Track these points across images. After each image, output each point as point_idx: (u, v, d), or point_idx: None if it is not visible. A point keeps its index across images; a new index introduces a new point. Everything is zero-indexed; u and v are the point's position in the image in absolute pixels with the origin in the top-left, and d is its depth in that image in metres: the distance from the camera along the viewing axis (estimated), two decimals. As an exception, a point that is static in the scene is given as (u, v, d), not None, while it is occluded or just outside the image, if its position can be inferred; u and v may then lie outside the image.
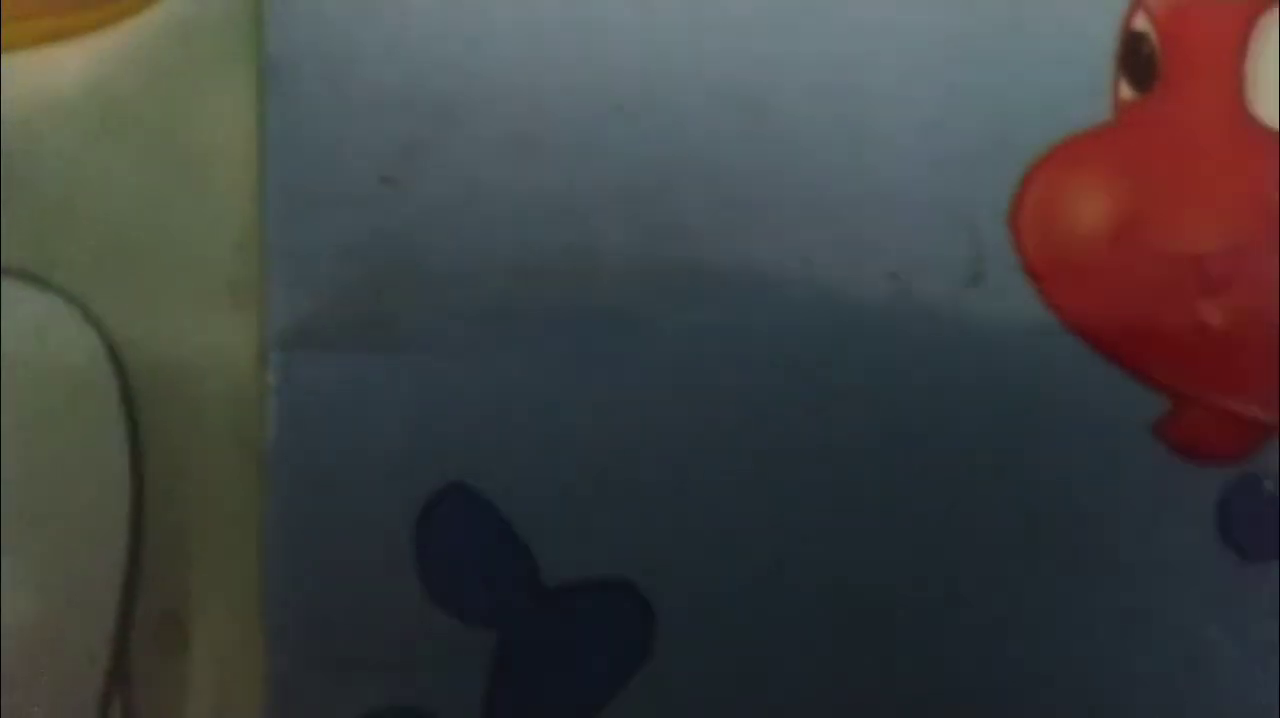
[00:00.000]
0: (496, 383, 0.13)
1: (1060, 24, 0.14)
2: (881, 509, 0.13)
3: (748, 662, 0.13)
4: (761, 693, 0.13)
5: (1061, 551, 0.13)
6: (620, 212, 0.13)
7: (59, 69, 0.14)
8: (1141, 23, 0.14)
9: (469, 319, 0.13)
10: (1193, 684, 0.14)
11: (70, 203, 0.14)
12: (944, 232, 0.13)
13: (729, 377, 0.13)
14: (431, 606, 0.13)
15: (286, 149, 0.13)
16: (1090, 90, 0.13)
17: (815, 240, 0.13)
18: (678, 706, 0.13)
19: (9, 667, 0.13)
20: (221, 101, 0.14)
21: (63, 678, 0.14)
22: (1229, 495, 0.13)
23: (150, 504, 0.14)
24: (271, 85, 0.13)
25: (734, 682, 0.13)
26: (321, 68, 0.13)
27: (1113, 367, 0.13)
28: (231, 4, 0.14)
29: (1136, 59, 0.14)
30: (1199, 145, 0.14)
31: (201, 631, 0.14)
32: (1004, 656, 0.13)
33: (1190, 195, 0.14)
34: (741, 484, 0.13)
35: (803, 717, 0.13)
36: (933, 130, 0.13)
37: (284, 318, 0.13)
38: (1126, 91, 0.14)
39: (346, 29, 0.13)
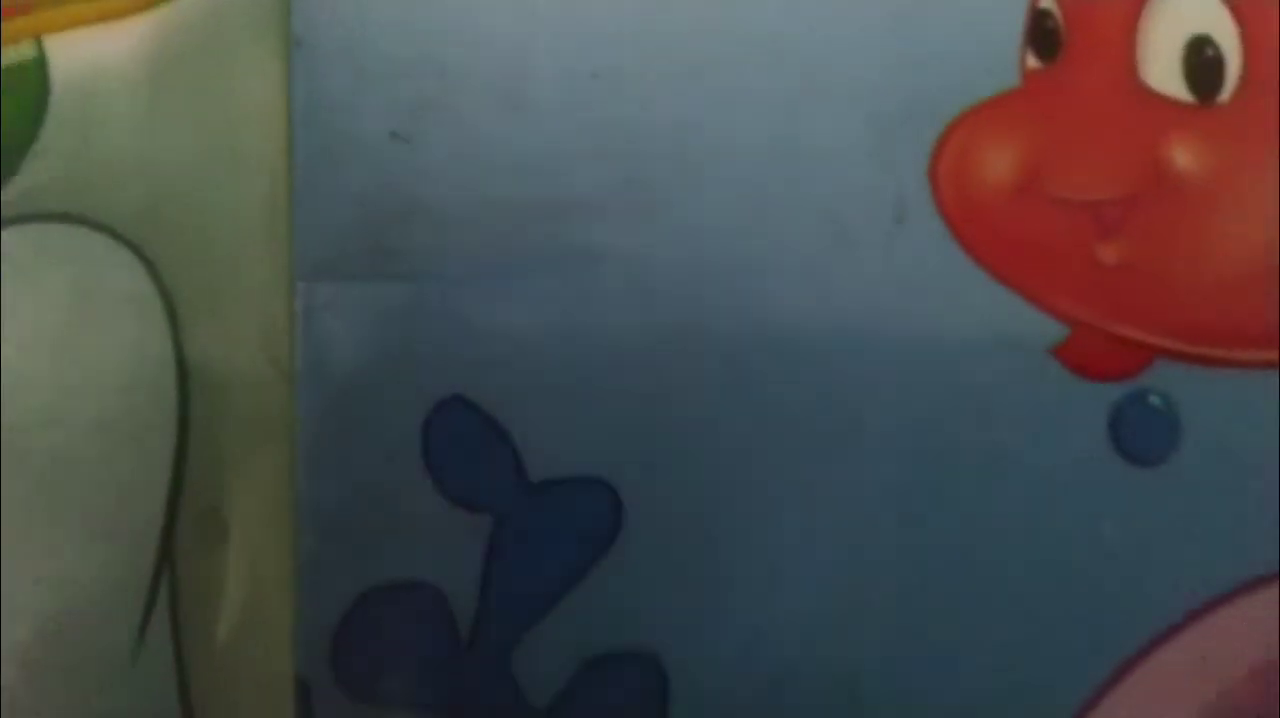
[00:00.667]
0: (489, 308, 0.15)
1: (976, 3, 0.16)
2: (822, 406, 0.15)
3: (704, 541, 0.15)
4: (715, 568, 0.15)
5: (971, 457, 0.15)
6: (594, 163, 0.15)
7: (116, 43, 0.17)
8: (1047, 2, 0.16)
9: (466, 253, 0.15)
10: (1089, 575, 0.16)
11: (124, 158, 0.17)
12: (873, 180, 0.15)
13: (684, 303, 0.15)
14: (436, 495, 0.15)
15: (309, 110, 0.16)
16: (1001, 61, 0.16)
17: (763, 184, 0.15)
18: (643, 579, 0.15)
19: (75, 555, 0.16)
20: (253, 71, 0.17)
21: (119, 563, 0.16)
22: (1120, 409, 0.16)
23: (194, 414, 0.16)
24: (296, 57, 0.16)
25: (692, 559, 0.15)
26: (338, 41, 0.16)
27: (1017, 298, 0.16)
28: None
29: (1042, 34, 0.16)
30: (1095, 108, 0.16)
31: (238, 523, 0.16)
32: (927, 544, 0.16)
33: (1087, 152, 0.16)
34: (696, 392, 0.15)
35: (744, 582, 0.15)
36: (864, 93, 0.15)
37: (308, 253, 0.15)
38: (1033, 62, 0.16)
39: (360, 7, 0.15)
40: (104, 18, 0.17)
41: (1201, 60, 0.16)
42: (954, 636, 0.16)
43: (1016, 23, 0.16)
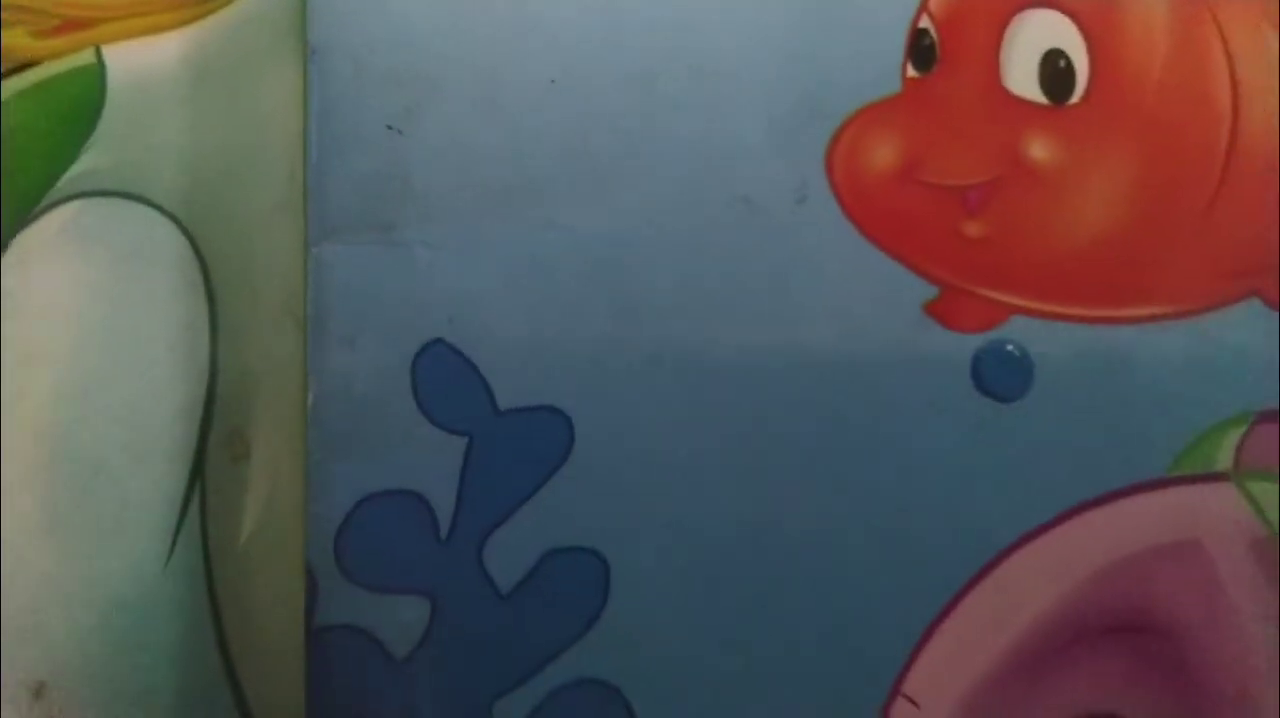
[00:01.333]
0: (466, 269, 0.19)
1: (866, 21, 0.19)
2: (736, 349, 0.19)
3: (641, 458, 0.19)
4: (649, 480, 0.18)
5: (857, 394, 0.19)
6: (552, 154, 0.19)
7: (162, 52, 0.20)
8: (925, 21, 0.19)
9: (446, 224, 0.19)
10: (954, 493, 0.19)
11: (167, 147, 0.20)
12: (779, 168, 0.19)
13: (623, 267, 0.19)
14: (422, 420, 0.19)
15: (322, 108, 0.19)
16: (886, 71, 0.19)
17: (688, 173, 0.19)
18: (590, 489, 0.19)
19: (121, 465, 0.19)
20: (276, 75, 0.20)
21: (159, 476, 0.19)
22: (981, 356, 0.19)
23: (223, 352, 0.20)
24: (311, 63, 0.19)
25: (630, 472, 0.19)
26: (346, 51, 0.19)
27: (897, 264, 0.19)
28: (283, 6, 0.20)
29: (920, 49, 0.19)
30: (964, 110, 0.19)
31: (258, 443, 0.20)
32: (820, 465, 0.19)
33: (957, 145, 0.19)
34: (634, 336, 0.19)
35: (672, 494, 0.18)
36: (772, 98, 0.19)
37: (319, 224, 0.19)
38: (912, 72, 0.19)
39: (365, 23, 0.19)
40: (151, 31, 0.20)
41: (1055, 70, 0.20)
42: (843, 541, 0.19)
43: (899, 39, 0.19)
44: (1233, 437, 0.20)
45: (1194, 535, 0.19)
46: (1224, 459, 0.20)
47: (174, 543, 0.19)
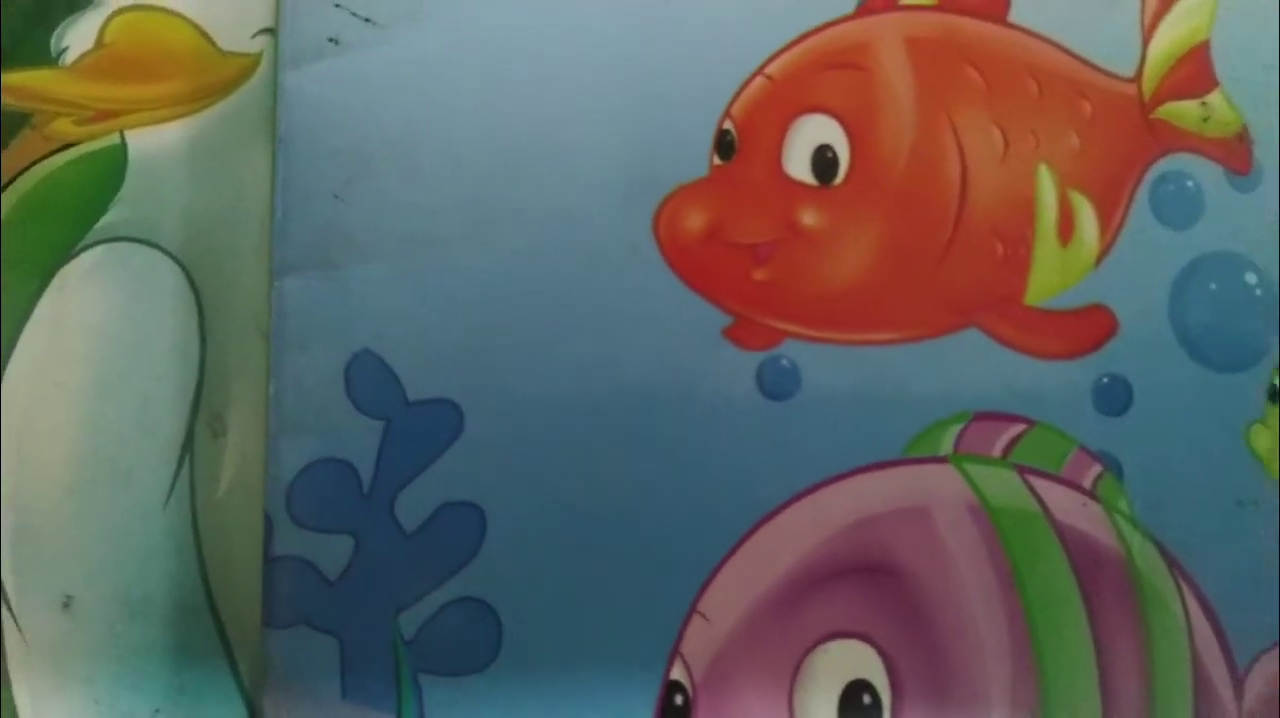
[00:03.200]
0: (388, 298, 0.24)
1: (684, 121, 0.25)
2: (586, 358, 0.24)
3: (517, 435, 0.24)
4: (526, 449, 0.24)
5: (669, 395, 0.24)
6: (453, 213, 0.24)
7: (169, 134, 0.26)
8: (727, 123, 0.26)
9: (375, 265, 0.24)
10: (741, 472, 0.24)
11: (173, 205, 0.26)
12: (618, 227, 0.24)
13: (505, 294, 0.24)
14: (352, 409, 0.24)
15: (285, 181, 0.25)
16: (697, 158, 0.25)
17: (552, 225, 0.24)
18: (476, 457, 0.24)
19: (134, 437, 0.25)
20: (253, 154, 0.26)
21: (158, 449, 0.26)
22: (762, 366, 0.25)
23: (209, 357, 0.26)
24: (279, 148, 0.25)
25: (509, 445, 0.24)
26: (302, 140, 0.25)
27: (703, 299, 0.25)
28: (259, 105, 0.26)
29: (723, 143, 0.25)
30: (755, 188, 0.25)
31: (234, 423, 0.26)
32: (652, 451, 0.25)
33: (749, 215, 0.25)
34: (513, 345, 0.24)
35: (548, 452, 0.24)
36: (613, 174, 0.24)
37: (281, 262, 0.24)
38: (717, 160, 0.25)
39: (314, 122, 0.25)
40: (160, 121, 0.26)
41: (823, 160, 0.25)
42: (660, 500, 0.24)
43: (708, 135, 0.25)
44: (952, 430, 0.25)
45: (922, 502, 0.25)
46: (946, 446, 0.25)
47: (170, 493, 0.25)
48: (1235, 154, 0.27)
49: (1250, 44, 0.27)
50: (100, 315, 0.26)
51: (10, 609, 0.25)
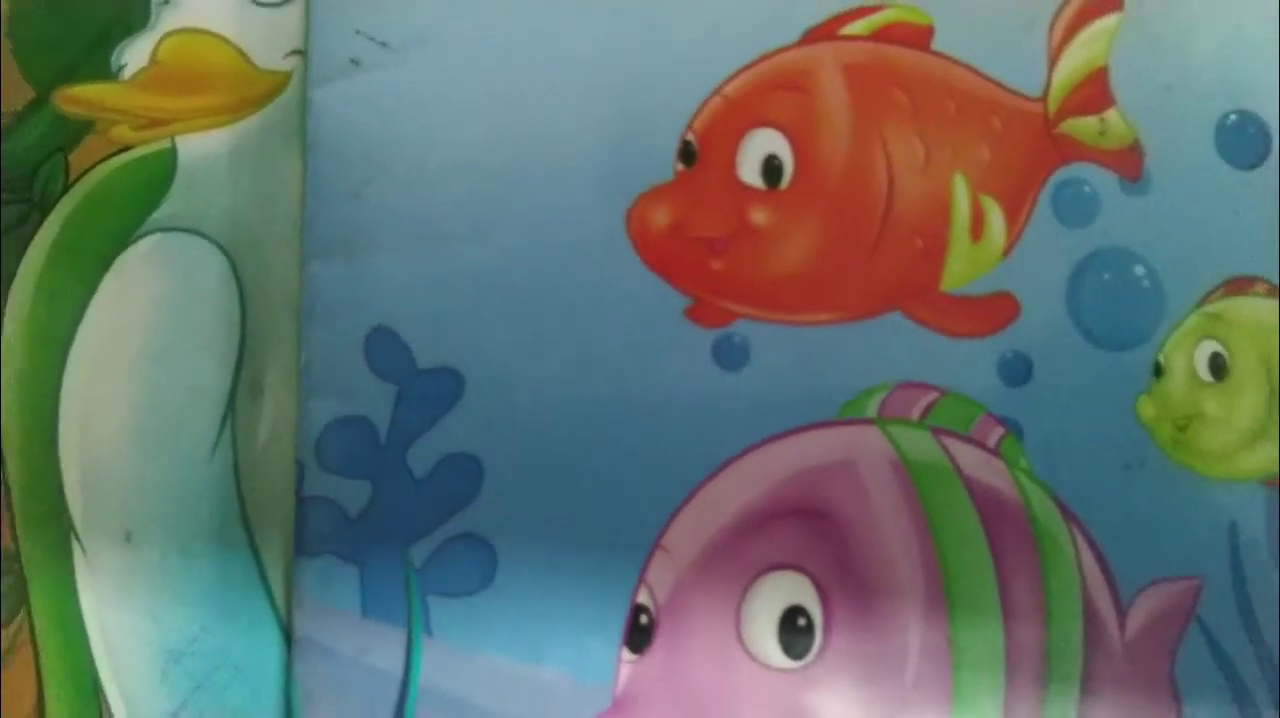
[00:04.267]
0: (401, 281, 0.27)
1: (651, 133, 0.29)
2: (561, 332, 0.27)
3: (509, 399, 0.27)
4: (515, 409, 0.27)
5: (635, 367, 0.27)
6: (453, 211, 0.27)
7: (214, 140, 0.29)
8: (690, 135, 0.28)
9: (389, 254, 0.27)
10: (698, 431, 0.27)
11: (217, 200, 0.28)
12: (595, 224, 0.27)
13: (498, 282, 0.27)
14: (370, 375, 0.27)
15: (314, 180, 0.28)
16: (664, 164, 0.29)
17: (537, 222, 0.27)
18: (474, 419, 0.27)
19: (184, 398, 0.30)
20: (285, 158, 0.28)
21: (205, 408, 0.28)
22: (718, 342, 0.27)
23: (249, 331, 0.28)
24: (308, 153, 0.28)
25: (501, 406, 0.27)
26: (328, 147, 0.27)
27: (668, 285, 0.27)
28: (291, 116, 0.29)
29: (686, 152, 0.28)
30: (713, 191, 0.28)
31: (269, 387, 0.28)
32: (622, 412, 0.28)
33: (707, 214, 0.29)
34: (505, 322, 0.27)
35: (532, 410, 0.27)
36: (591, 177, 0.28)
37: (310, 250, 0.27)
38: (680, 166, 0.29)
39: (338, 132, 0.27)
40: (206, 129, 0.29)
41: (771, 167, 0.28)
42: (631, 452, 0.27)
43: (672, 146, 0.29)
44: (877, 397, 0.28)
45: (851, 457, 0.27)
46: (872, 410, 0.28)
47: (215, 445, 0.28)
48: (1128, 163, 0.29)
49: (1144, 68, 0.30)
50: (154, 295, 0.28)
51: (80, 542, 0.28)
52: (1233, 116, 0.30)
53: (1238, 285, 0.30)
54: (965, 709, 0.28)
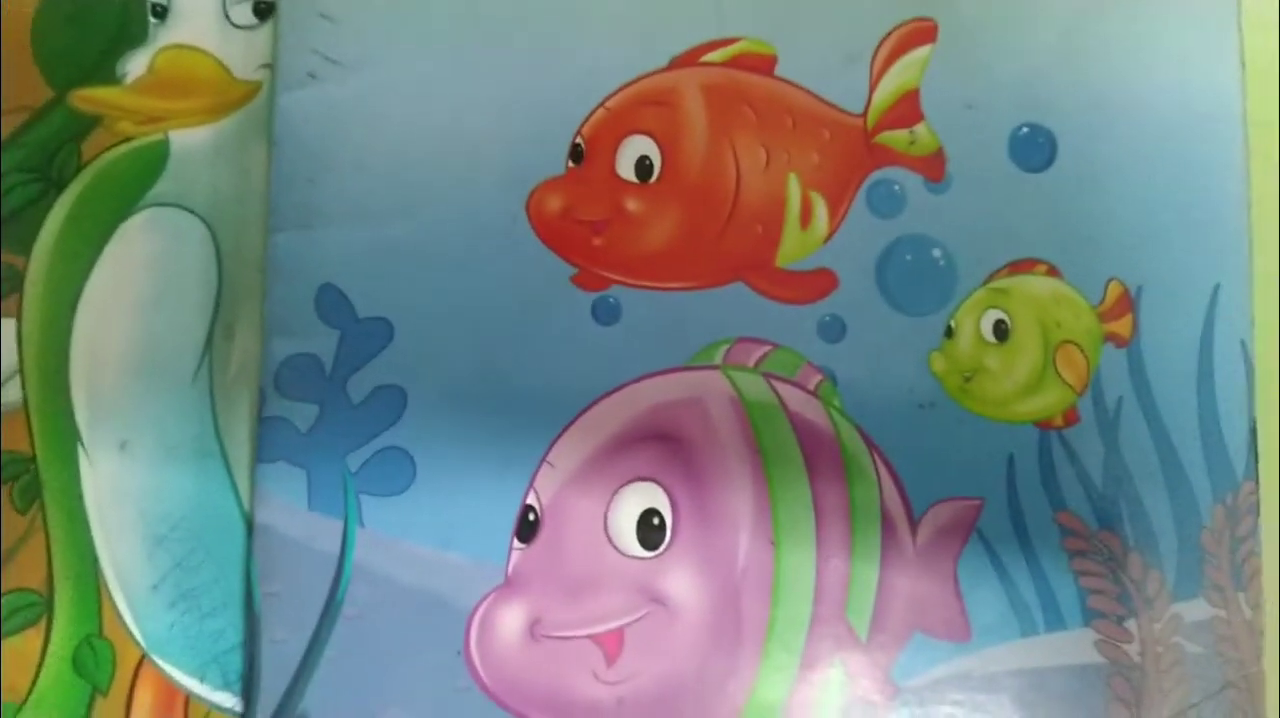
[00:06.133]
0: (347, 247, 0.32)
1: (548, 135, 0.35)
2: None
3: (430, 339, 0.32)
4: (447, 362, 0.33)
5: (532, 328, 0.32)
6: (388, 190, 0.33)
7: (200, 134, 0.33)
8: (579, 139, 0.32)
9: (337, 226, 0.32)
10: (578, 377, 0.32)
11: (202, 183, 0.33)
12: (502, 209, 0.33)
13: (428, 250, 0.32)
14: (318, 322, 0.31)
15: (276, 167, 0.32)
16: (557, 162, 0.37)
17: (455, 206, 0.33)
18: (400, 358, 0.32)
19: (171, 338, 0.36)
20: (256, 148, 0.33)
21: (188, 345, 0.33)
22: (595, 304, 0.32)
23: (224, 287, 0.33)
24: (274, 148, 0.32)
25: (422, 348, 0.32)
26: (291, 142, 0.32)
27: (559, 258, 0.32)
28: (262, 117, 0.33)
29: (576, 152, 0.32)
30: (595, 184, 0.36)
31: (239, 333, 0.33)
32: (524, 358, 0.36)
33: (590, 201, 0.36)
34: (427, 280, 0.32)
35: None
36: (496, 171, 0.34)
37: (275, 222, 0.32)
38: (571, 164, 0.36)
39: (298, 131, 0.32)
40: (194, 125, 0.33)
41: (643, 166, 0.33)
42: (528, 395, 0.32)
43: (564, 148, 0.36)
44: (722, 349, 0.32)
45: (700, 395, 0.32)
46: (717, 359, 0.32)
47: (195, 374, 0.32)
48: (932, 167, 0.34)
49: (949, 89, 0.34)
50: (149, 256, 0.33)
51: (85, 449, 0.33)
52: (1025, 129, 0.34)
53: (1022, 266, 0.34)
54: (784, 591, 0.32)
